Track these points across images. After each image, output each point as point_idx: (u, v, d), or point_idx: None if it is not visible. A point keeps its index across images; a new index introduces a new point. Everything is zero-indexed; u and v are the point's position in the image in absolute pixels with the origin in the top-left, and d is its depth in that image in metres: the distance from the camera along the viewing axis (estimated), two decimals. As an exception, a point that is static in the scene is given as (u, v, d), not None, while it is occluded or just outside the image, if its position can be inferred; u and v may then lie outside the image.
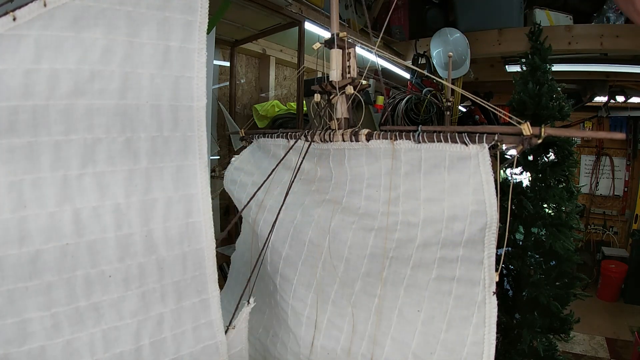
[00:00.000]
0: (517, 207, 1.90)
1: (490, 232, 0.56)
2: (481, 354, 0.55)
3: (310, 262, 0.77)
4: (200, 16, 0.54)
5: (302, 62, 2.37)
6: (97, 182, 0.51)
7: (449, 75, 2.50)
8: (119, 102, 0.50)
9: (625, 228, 5.25)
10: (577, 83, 4.05)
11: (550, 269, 1.93)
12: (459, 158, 0.59)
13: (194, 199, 0.59)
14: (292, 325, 0.79)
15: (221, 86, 2.83)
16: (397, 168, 0.67)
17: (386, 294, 0.67)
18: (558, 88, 1.95)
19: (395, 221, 0.68)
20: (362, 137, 0.71)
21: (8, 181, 0.45)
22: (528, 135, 0.44)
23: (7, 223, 0.45)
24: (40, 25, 0.44)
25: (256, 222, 0.92)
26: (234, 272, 1.09)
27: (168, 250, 0.57)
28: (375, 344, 0.67)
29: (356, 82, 0.78)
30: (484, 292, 0.55)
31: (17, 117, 0.44)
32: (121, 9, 0.48)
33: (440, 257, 0.62)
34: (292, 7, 2.17)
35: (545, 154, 1.94)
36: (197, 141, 0.57)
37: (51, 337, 0.50)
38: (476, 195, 0.58)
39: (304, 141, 0.83)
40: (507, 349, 1.85)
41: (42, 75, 0.45)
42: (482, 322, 0.55)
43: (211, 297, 0.63)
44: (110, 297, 0.53)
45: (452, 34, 3.12)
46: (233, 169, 1.06)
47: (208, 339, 0.64)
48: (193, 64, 0.55)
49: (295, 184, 0.84)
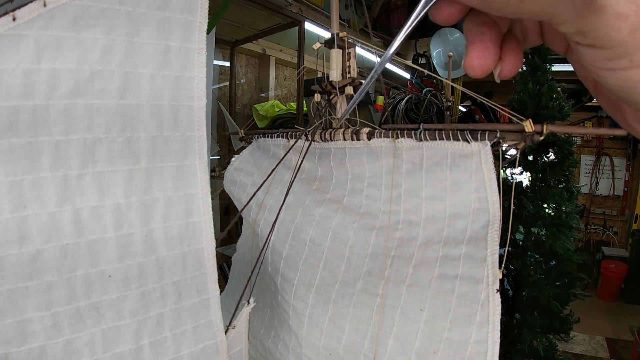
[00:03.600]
0: (517, 207, 1.90)
1: (493, 229, 0.55)
2: (485, 352, 0.55)
3: (311, 262, 0.77)
4: (200, 16, 0.54)
5: (302, 62, 2.37)
6: (97, 182, 0.51)
7: (449, 75, 2.50)
8: (119, 102, 0.50)
9: (625, 228, 5.25)
10: (577, 83, 4.06)
11: (550, 269, 1.93)
12: (460, 156, 0.59)
13: (194, 199, 0.59)
14: (294, 326, 0.79)
15: (221, 86, 2.84)
16: (398, 166, 0.67)
17: (388, 293, 0.67)
18: (558, 88, 1.95)
19: (396, 220, 0.68)
20: (364, 135, 0.71)
21: (8, 181, 0.45)
22: (530, 132, 0.44)
23: (7, 223, 0.45)
24: (40, 25, 0.44)
25: (256, 222, 0.92)
26: (235, 273, 1.09)
27: (168, 250, 0.57)
28: (378, 343, 0.67)
29: (356, 82, 0.78)
30: (487, 290, 0.55)
31: (17, 117, 0.44)
32: (121, 9, 0.48)
33: (443, 255, 0.62)
34: (292, 7, 2.18)
35: (545, 154, 1.95)
36: (197, 141, 0.57)
37: (51, 337, 0.49)
38: (478, 193, 0.58)
39: (304, 141, 0.83)
40: (507, 349, 1.85)
41: (42, 75, 0.45)
42: (485, 320, 0.55)
43: (211, 297, 0.63)
44: (110, 296, 0.53)
45: (452, 34, 3.12)
46: (233, 169, 1.06)
47: (208, 339, 0.64)
48: (193, 64, 0.55)
49: (296, 184, 0.84)
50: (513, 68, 0.29)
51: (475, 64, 0.28)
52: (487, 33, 0.28)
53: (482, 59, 0.27)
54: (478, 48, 0.27)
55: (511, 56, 0.28)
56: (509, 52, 0.28)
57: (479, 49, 0.27)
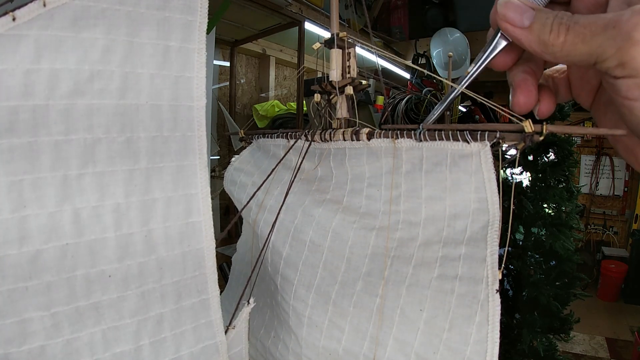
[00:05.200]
0: (517, 207, 1.90)
1: (492, 229, 0.55)
2: (485, 352, 0.55)
3: (311, 262, 0.77)
4: (200, 16, 0.54)
5: (302, 62, 2.37)
6: (97, 182, 0.50)
7: (449, 75, 2.50)
8: (118, 102, 0.50)
9: (625, 228, 5.26)
10: (577, 83, 4.04)
11: (550, 269, 1.93)
12: (460, 156, 0.59)
13: (194, 199, 0.59)
14: (293, 326, 0.79)
15: (221, 86, 2.84)
16: (398, 167, 0.67)
17: (388, 294, 0.66)
18: (558, 88, 1.95)
19: (396, 220, 0.68)
20: (363, 136, 0.71)
21: (8, 181, 0.45)
22: (530, 132, 0.44)
23: (7, 223, 0.45)
24: (40, 25, 0.43)
25: (256, 222, 0.92)
26: (235, 273, 1.09)
27: (168, 250, 0.57)
28: (378, 344, 0.67)
29: (356, 82, 0.78)
30: (487, 290, 0.55)
31: (17, 117, 0.44)
32: (121, 9, 0.48)
33: (442, 255, 0.62)
34: (292, 7, 2.18)
35: (545, 154, 1.95)
36: (197, 141, 0.57)
37: (51, 337, 0.49)
38: (478, 193, 0.57)
39: (304, 141, 0.83)
40: (507, 349, 1.85)
41: (42, 75, 0.45)
42: (485, 321, 0.55)
43: (211, 297, 0.63)
44: (110, 296, 0.53)
45: (452, 34, 3.13)
46: (233, 169, 1.06)
47: (208, 339, 0.64)
48: (193, 64, 0.55)
49: (296, 184, 0.84)
50: (549, 108, 0.38)
51: (522, 102, 0.36)
52: (529, 80, 0.36)
53: (527, 99, 0.36)
54: (524, 90, 0.36)
55: (546, 99, 0.37)
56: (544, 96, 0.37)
57: (524, 91, 0.36)
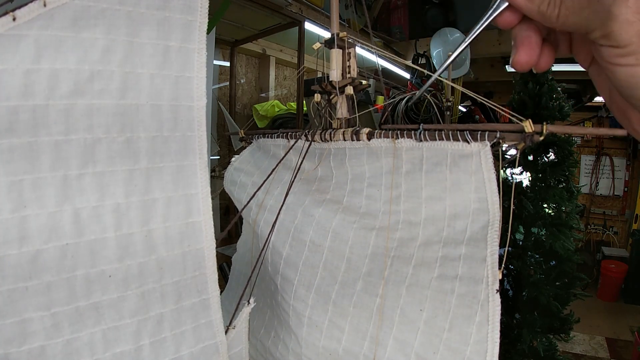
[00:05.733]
0: (517, 207, 1.90)
1: (492, 229, 0.55)
2: (485, 352, 0.55)
3: (311, 262, 0.77)
4: (200, 16, 0.54)
5: (302, 62, 2.37)
6: (97, 182, 0.50)
7: (449, 75, 2.50)
8: (118, 102, 0.50)
9: (625, 228, 5.26)
10: (577, 83, 4.06)
11: (550, 269, 1.93)
12: (460, 156, 0.59)
13: (194, 199, 0.59)
14: (294, 326, 0.79)
15: (221, 86, 2.84)
16: (398, 167, 0.67)
17: (388, 294, 0.67)
18: (558, 88, 1.95)
19: (396, 220, 0.68)
20: (364, 136, 0.71)
21: (8, 181, 0.45)
22: (530, 132, 0.44)
23: (7, 223, 0.45)
24: (40, 25, 0.43)
25: (256, 222, 0.92)
26: (235, 273, 1.09)
27: (168, 250, 0.57)
28: (378, 344, 0.67)
29: (356, 82, 0.78)
30: (487, 290, 0.55)
31: (17, 117, 0.44)
32: (121, 9, 0.48)
33: (442, 255, 0.62)
34: (292, 7, 2.18)
35: (545, 154, 1.95)
36: (197, 141, 0.57)
37: (51, 337, 0.49)
38: (478, 193, 0.58)
39: (304, 141, 0.83)
40: (507, 349, 1.85)
41: (42, 75, 0.45)
42: (485, 321, 0.55)
43: (211, 297, 0.63)
44: (110, 296, 0.53)
45: (452, 34, 3.13)
46: (233, 169, 1.06)
47: (208, 338, 0.64)
48: (193, 64, 0.55)
49: (296, 184, 0.84)
50: (548, 64, 0.38)
51: (523, 61, 0.35)
52: (533, 37, 0.35)
53: (528, 57, 0.35)
54: (526, 48, 0.35)
55: (546, 56, 0.37)
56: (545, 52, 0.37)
57: (527, 48, 0.35)
